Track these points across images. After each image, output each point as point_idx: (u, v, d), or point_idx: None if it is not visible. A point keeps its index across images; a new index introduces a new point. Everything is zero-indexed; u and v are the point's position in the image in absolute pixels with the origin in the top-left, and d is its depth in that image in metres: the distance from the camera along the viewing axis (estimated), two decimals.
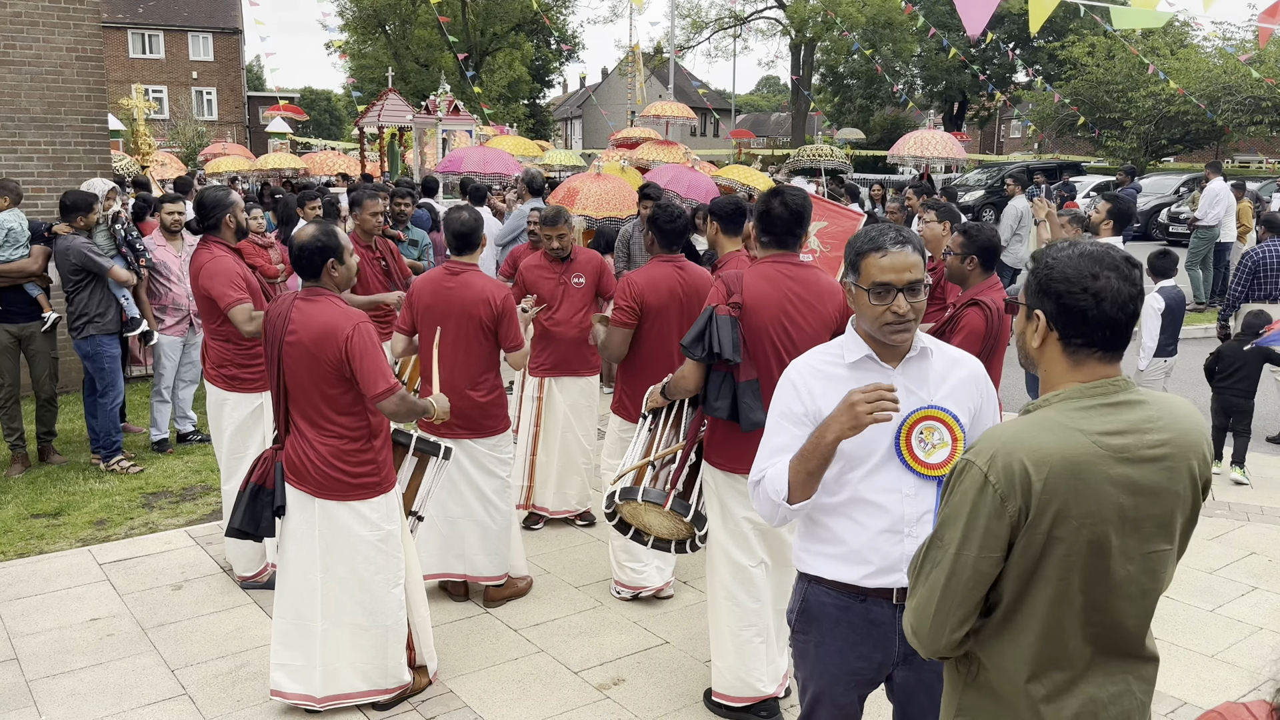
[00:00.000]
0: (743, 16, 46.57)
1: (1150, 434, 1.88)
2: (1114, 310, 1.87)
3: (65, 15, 8.46)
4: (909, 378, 2.53)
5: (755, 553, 3.72)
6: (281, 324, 3.64)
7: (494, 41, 47.33)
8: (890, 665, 2.59)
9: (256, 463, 3.80)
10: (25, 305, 6.68)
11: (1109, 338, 1.90)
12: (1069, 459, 1.82)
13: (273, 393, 3.75)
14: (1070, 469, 1.82)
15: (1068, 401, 1.89)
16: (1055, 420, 1.87)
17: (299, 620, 3.78)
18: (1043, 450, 1.82)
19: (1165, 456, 1.88)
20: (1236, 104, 24.94)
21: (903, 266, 2.45)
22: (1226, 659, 4.42)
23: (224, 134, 34.10)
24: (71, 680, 4.14)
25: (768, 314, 3.54)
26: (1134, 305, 1.90)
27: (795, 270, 3.61)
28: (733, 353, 3.47)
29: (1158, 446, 1.88)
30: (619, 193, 9.16)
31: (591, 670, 4.26)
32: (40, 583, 5.06)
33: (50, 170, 8.54)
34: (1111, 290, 1.87)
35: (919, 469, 2.49)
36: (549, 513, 5.79)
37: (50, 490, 6.38)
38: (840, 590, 2.57)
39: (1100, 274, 1.87)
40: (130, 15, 44.84)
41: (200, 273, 4.91)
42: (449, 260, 4.67)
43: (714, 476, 3.73)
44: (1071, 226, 7.00)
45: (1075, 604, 1.87)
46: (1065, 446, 1.83)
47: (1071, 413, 1.87)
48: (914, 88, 43.98)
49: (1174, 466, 1.89)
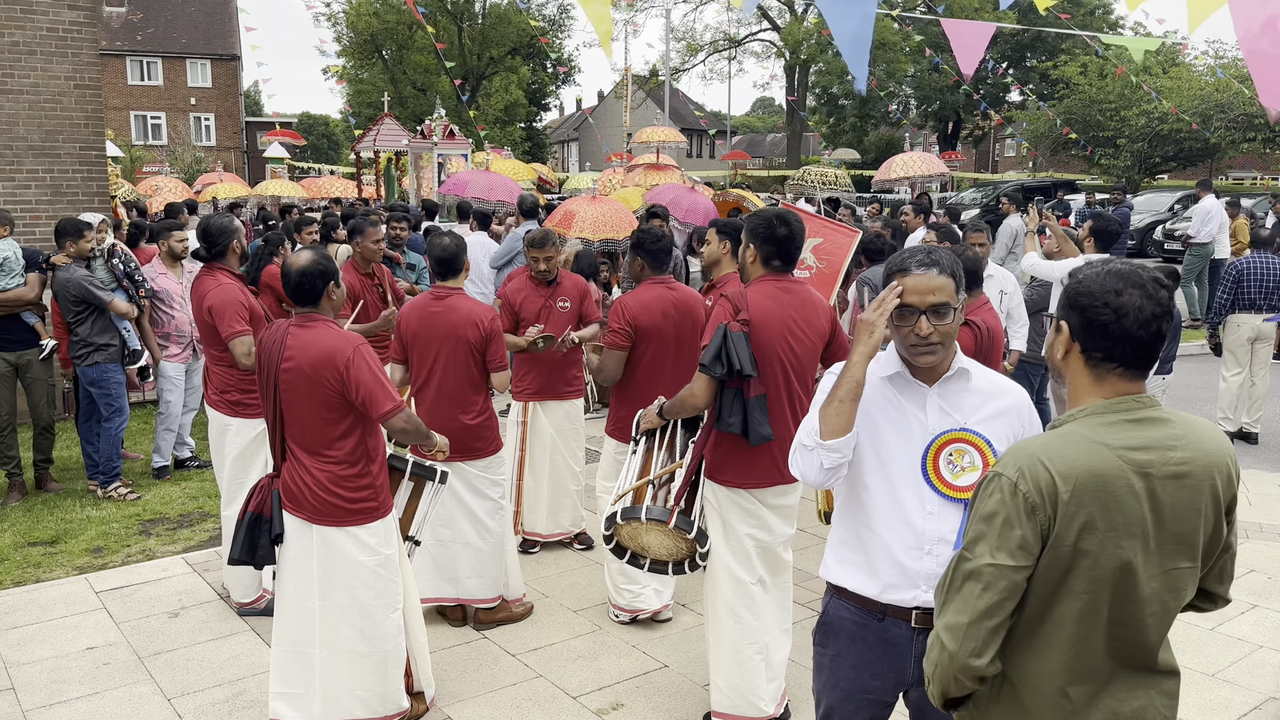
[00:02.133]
0: (737, 39, 46.91)
1: (1173, 451, 1.91)
2: (1135, 327, 1.91)
3: (63, 44, 8.52)
4: (945, 398, 2.53)
5: (755, 569, 3.77)
6: (277, 351, 3.63)
7: (490, 65, 47.60)
8: (904, 687, 2.60)
9: (253, 491, 3.79)
10: (22, 333, 6.69)
11: (1130, 354, 1.93)
12: (1094, 472, 1.85)
13: (268, 421, 3.75)
14: (1096, 482, 1.84)
15: (1092, 417, 1.93)
16: (1080, 434, 1.90)
17: (297, 647, 3.77)
18: (1069, 462, 1.85)
19: (1187, 474, 1.91)
20: (1229, 121, 25.07)
21: (926, 289, 2.43)
22: (1226, 678, 4.41)
23: (221, 160, 34.15)
24: (68, 710, 4.12)
25: (774, 330, 3.63)
26: (1157, 324, 1.92)
27: (791, 287, 3.73)
28: (751, 368, 3.53)
29: (1181, 464, 1.90)
30: (615, 215, 9.20)
31: (590, 695, 4.24)
32: (37, 611, 5.04)
33: (48, 198, 8.57)
34: (1134, 307, 1.90)
35: (944, 490, 2.49)
36: (542, 537, 5.78)
37: (47, 518, 6.37)
38: (859, 605, 2.58)
39: (1124, 290, 1.91)
40: (128, 43, 45.11)
41: (204, 299, 4.93)
42: (434, 285, 4.70)
43: (716, 493, 3.77)
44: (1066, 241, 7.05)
45: (1102, 617, 1.89)
46: (1091, 460, 1.86)
47: (1097, 427, 1.91)
48: (908, 108, 44.21)
49: (1196, 485, 1.92)
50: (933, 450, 2.50)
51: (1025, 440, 1.96)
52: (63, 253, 6.60)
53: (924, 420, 2.52)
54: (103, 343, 6.61)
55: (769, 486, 3.75)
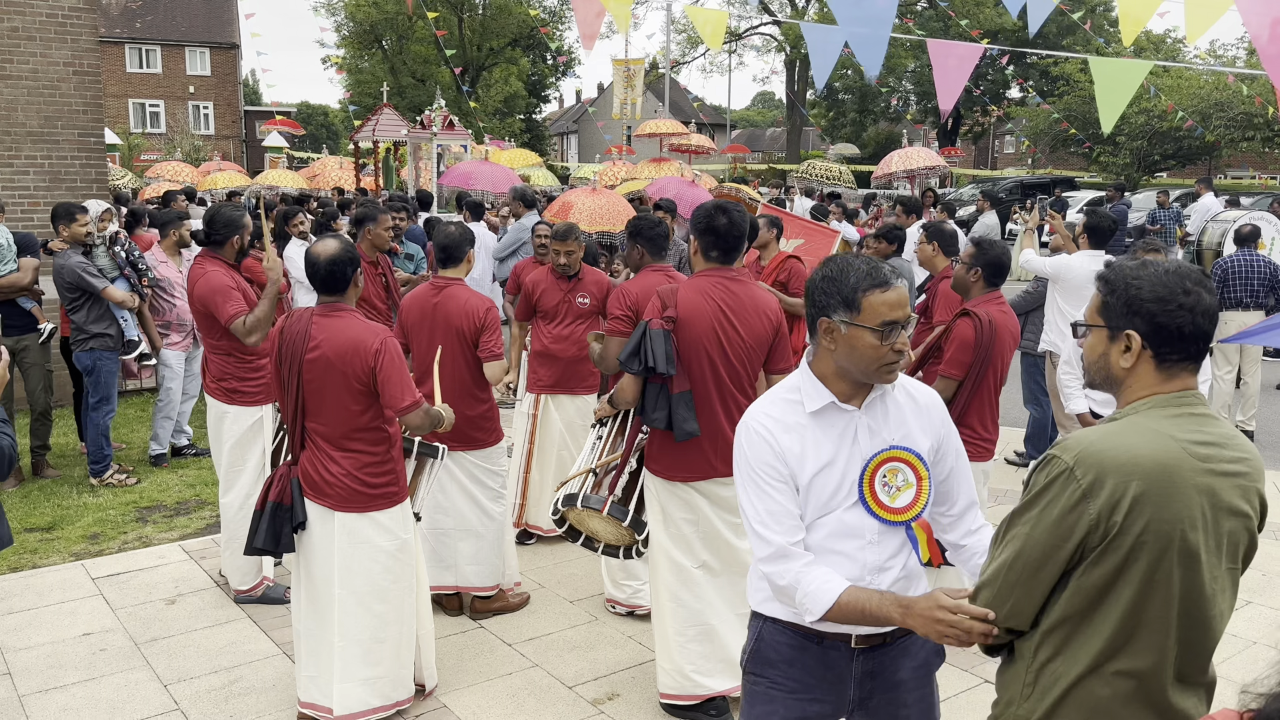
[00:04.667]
0: (738, 33, 46.84)
1: (1229, 449, 1.91)
2: (1206, 323, 1.92)
3: (62, 30, 8.49)
4: (872, 417, 2.37)
5: (697, 554, 3.83)
6: (301, 340, 3.61)
7: (490, 57, 47.50)
8: (845, 712, 2.47)
9: (271, 480, 3.77)
10: (19, 318, 6.68)
11: (1201, 349, 1.94)
12: (1161, 463, 1.84)
13: (287, 409, 3.73)
14: (1163, 472, 1.83)
15: (1155, 410, 1.91)
16: (1146, 425, 1.89)
17: (315, 636, 3.80)
18: (1135, 452, 1.84)
19: (1243, 474, 1.91)
20: (1228, 120, 25.07)
21: (902, 302, 2.32)
22: (1220, 674, 4.39)
23: (219, 150, 34.08)
24: (64, 695, 4.12)
25: (702, 327, 3.65)
26: (1216, 315, 1.94)
27: (731, 284, 3.72)
28: (666, 366, 3.58)
29: (1236, 463, 1.90)
30: (613, 207, 9.21)
31: (586, 685, 4.25)
32: (33, 597, 5.05)
33: (47, 184, 8.55)
34: (1204, 305, 1.91)
35: (882, 514, 2.35)
36: (544, 532, 5.78)
37: (44, 504, 6.37)
38: (796, 630, 2.42)
39: (1191, 289, 1.90)
40: (128, 30, 44.98)
41: (195, 287, 4.93)
42: (435, 275, 4.71)
43: (654, 483, 3.86)
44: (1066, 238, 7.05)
45: (1173, 610, 1.87)
46: (1157, 450, 1.85)
47: (1162, 419, 1.90)
48: (908, 103, 44.17)
49: (1247, 486, 1.92)
50: (867, 476, 2.34)
51: (1089, 429, 1.93)
52: (58, 238, 6.58)
53: (859, 447, 2.35)
54: (98, 331, 6.58)
55: (702, 480, 3.78)
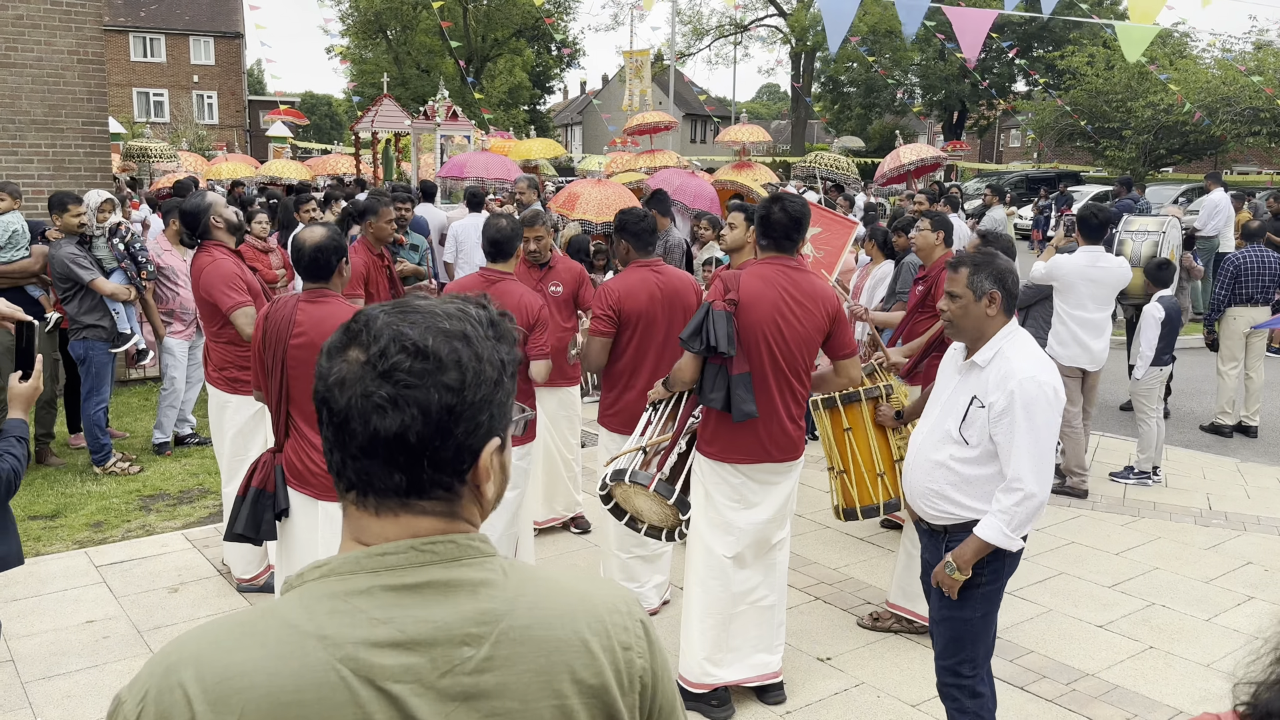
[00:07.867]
0: (744, 24, 46.70)
1: (470, 648, 1.09)
2: None
3: (67, 18, 8.48)
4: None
5: (732, 544, 3.82)
6: (286, 327, 3.61)
7: (495, 47, 47.41)
8: None
9: (254, 467, 3.78)
10: (26, 306, 6.64)
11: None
12: (278, 692, 1.03)
13: (271, 396, 3.73)
14: (281, 710, 1.03)
15: (330, 578, 1.10)
16: (283, 618, 1.08)
17: None
18: (230, 675, 1.04)
19: (495, 691, 1.09)
20: (1235, 115, 24.97)
21: None
22: (1222, 668, 4.42)
23: (224, 140, 34.06)
24: (67, 682, 4.13)
25: (762, 312, 3.67)
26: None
27: (791, 272, 3.75)
28: (728, 346, 3.59)
29: (482, 670, 1.09)
30: (620, 198, 9.19)
31: None
32: (37, 584, 5.06)
33: (50, 173, 8.54)
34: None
35: None
36: (538, 524, 5.78)
37: (48, 492, 6.38)
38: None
39: None
40: (132, 19, 44.92)
41: (200, 276, 4.92)
42: (483, 269, 4.62)
43: (702, 465, 3.85)
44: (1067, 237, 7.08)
45: None
46: (280, 667, 1.05)
47: (323, 599, 1.09)
48: (914, 96, 44.04)
49: (516, 710, 1.10)
50: None
51: (195, 630, 1.12)
52: (54, 227, 6.57)
53: None
54: (91, 322, 6.55)
55: (755, 464, 3.78)
